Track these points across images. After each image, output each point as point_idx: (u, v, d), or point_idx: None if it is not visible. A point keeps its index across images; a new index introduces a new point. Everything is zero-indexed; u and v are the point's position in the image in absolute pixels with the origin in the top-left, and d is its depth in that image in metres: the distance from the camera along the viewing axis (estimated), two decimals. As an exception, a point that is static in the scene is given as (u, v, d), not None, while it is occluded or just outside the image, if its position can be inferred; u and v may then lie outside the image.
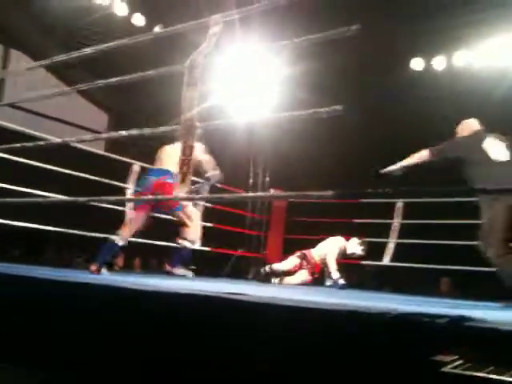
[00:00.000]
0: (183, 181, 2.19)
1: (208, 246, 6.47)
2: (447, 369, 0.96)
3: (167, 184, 4.20)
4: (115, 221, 5.54)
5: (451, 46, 6.68)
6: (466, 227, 5.78)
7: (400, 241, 6.00)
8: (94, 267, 3.93)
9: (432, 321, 1.09)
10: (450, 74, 6.76)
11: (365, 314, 1.18)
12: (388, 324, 1.13)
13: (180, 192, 2.15)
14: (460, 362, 0.99)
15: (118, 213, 5.44)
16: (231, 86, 6.42)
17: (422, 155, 3.76)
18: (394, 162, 4.27)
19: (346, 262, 5.94)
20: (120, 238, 4.16)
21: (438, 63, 6.85)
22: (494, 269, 3.58)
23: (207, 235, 6.53)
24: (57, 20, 7.20)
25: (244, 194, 4.96)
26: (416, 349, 1.06)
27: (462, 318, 1.12)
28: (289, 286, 5.43)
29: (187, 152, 2.30)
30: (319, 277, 5.77)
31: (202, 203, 5.37)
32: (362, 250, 5.62)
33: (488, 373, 0.94)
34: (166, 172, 4.28)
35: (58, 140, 4.40)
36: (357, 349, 1.13)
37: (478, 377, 0.93)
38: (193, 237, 4.37)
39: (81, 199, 2.62)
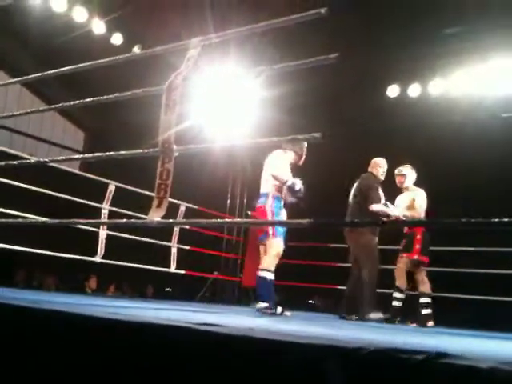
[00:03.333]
0: (159, 206, 2.15)
1: (183, 269, 6.39)
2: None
3: (261, 208, 4.03)
4: (87, 241, 5.46)
5: (426, 75, 6.82)
6: (444, 254, 5.84)
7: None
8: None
9: (408, 357, 1.07)
10: (424, 102, 6.88)
11: (335, 348, 1.15)
12: (361, 360, 1.10)
13: (154, 217, 2.10)
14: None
15: (91, 233, 5.34)
16: (209, 108, 6.42)
17: None
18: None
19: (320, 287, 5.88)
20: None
21: (413, 91, 6.98)
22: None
23: (183, 258, 6.46)
24: (34, 37, 7.14)
25: (222, 220, 4.88)
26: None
27: (440, 354, 1.09)
28: None
29: (164, 176, 2.26)
30: None
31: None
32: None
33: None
34: (262, 195, 4.11)
35: (33, 159, 4.32)
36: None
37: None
38: (266, 267, 3.92)
39: (50, 221, 2.55)
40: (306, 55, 2.16)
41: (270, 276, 3.84)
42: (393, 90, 7.05)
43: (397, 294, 4.71)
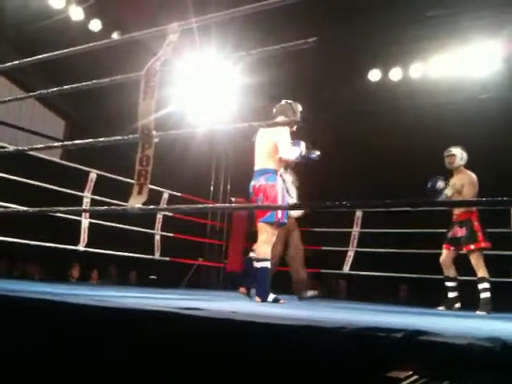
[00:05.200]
0: (140, 192, 2.14)
1: (168, 256, 6.39)
2: (402, 385, 0.96)
3: (270, 186, 3.59)
4: (70, 230, 5.42)
5: (407, 59, 6.84)
6: (423, 236, 5.92)
7: (360, 249, 6.04)
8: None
9: (387, 335, 1.09)
10: (406, 85, 6.90)
11: (318, 329, 1.17)
12: (342, 339, 1.11)
13: (135, 204, 2.09)
14: (415, 377, 0.98)
15: (73, 222, 5.30)
16: (191, 94, 6.38)
17: None
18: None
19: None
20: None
21: (395, 74, 7.00)
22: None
23: (168, 245, 6.45)
24: (10, 23, 6.99)
25: (203, 205, 4.83)
26: (370, 365, 1.05)
27: (418, 332, 1.12)
28: None
29: (144, 162, 2.25)
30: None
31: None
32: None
33: (442, 388, 0.94)
34: (262, 172, 3.72)
35: (12, 148, 4.26)
36: (309, 365, 1.11)
37: (433, 393, 0.93)
38: (265, 255, 3.61)
39: (31, 210, 2.53)
40: (288, 41, 2.15)
41: (269, 265, 3.60)
42: (374, 75, 7.06)
43: (451, 284, 4.52)
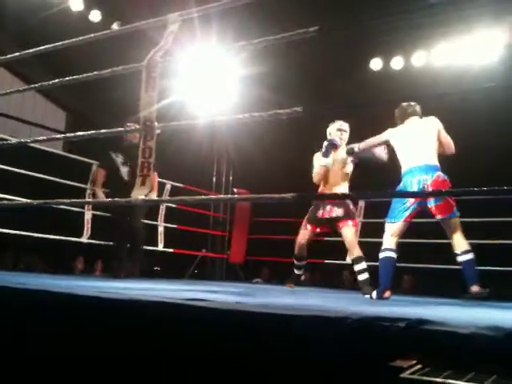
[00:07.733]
0: (143, 184, 2.14)
1: (171, 247, 6.40)
2: (405, 374, 0.96)
3: (447, 182, 3.46)
4: (72, 222, 5.44)
5: (409, 47, 6.80)
6: (430, 225, 5.91)
7: (363, 239, 6.03)
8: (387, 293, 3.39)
9: (390, 325, 1.09)
10: (408, 74, 6.86)
11: (322, 319, 1.17)
12: (346, 329, 1.12)
13: (138, 195, 2.09)
14: (418, 366, 0.98)
15: (76, 214, 5.32)
16: (191, 85, 6.36)
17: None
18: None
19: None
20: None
21: (396, 63, 6.96)
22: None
23: (170, 236, 6.46)
24: (11, 16, 6.96)
25: (206, 197, 4.80)
26: (374, 354, 1.05)
27: (421, 321, 1.12)
28: None
29: (147, 154, 2.25)
30: None
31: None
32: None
33: (446, 377, 0.94)
34: (434, 168, 3.50)
35: (14, 140, 4.27)
36: (314, 354, 1.11)
37: (436, 382, 0.93)
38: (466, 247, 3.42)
39: (35, 202, 2.53)
40: (289, 30, 2.13)
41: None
42: (376, 64, 7.02)
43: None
